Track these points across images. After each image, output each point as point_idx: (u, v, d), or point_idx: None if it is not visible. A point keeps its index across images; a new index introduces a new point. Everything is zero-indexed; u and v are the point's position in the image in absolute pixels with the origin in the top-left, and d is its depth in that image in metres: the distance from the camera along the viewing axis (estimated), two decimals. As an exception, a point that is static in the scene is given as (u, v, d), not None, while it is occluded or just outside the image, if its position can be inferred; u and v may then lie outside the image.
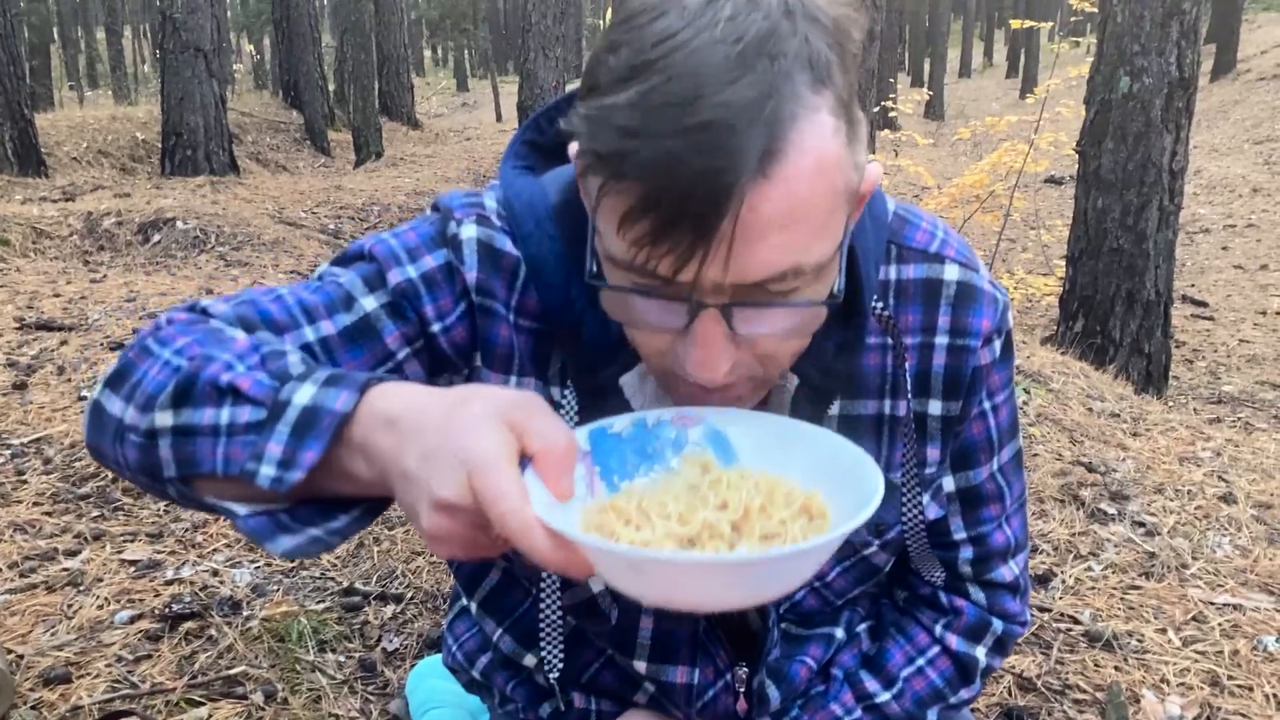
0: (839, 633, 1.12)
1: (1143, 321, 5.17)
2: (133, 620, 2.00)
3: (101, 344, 3.85)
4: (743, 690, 1.05)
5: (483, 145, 12.73)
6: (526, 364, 0.94)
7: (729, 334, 0.74)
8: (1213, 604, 2.05)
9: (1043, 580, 2.12)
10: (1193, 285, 12.47)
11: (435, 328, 0.91)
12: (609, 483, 0.73)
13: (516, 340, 0.93)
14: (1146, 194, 5.01)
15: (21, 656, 1.88)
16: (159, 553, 2.27)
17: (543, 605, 1.00)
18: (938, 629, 1.11)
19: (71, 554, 2.29)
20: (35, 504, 2.57)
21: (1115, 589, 2.09)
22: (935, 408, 1.00)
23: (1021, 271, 10.28)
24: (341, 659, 1.81)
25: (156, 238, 6.25)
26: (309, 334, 0.88)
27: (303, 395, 0.69)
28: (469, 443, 0.61)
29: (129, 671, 1.82)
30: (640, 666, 1.03)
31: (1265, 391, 8.14)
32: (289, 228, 7.12)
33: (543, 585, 0.99)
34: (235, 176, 8.47)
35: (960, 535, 1.07)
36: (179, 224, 6.32)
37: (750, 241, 0.69)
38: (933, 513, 1.04)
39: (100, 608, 2.05)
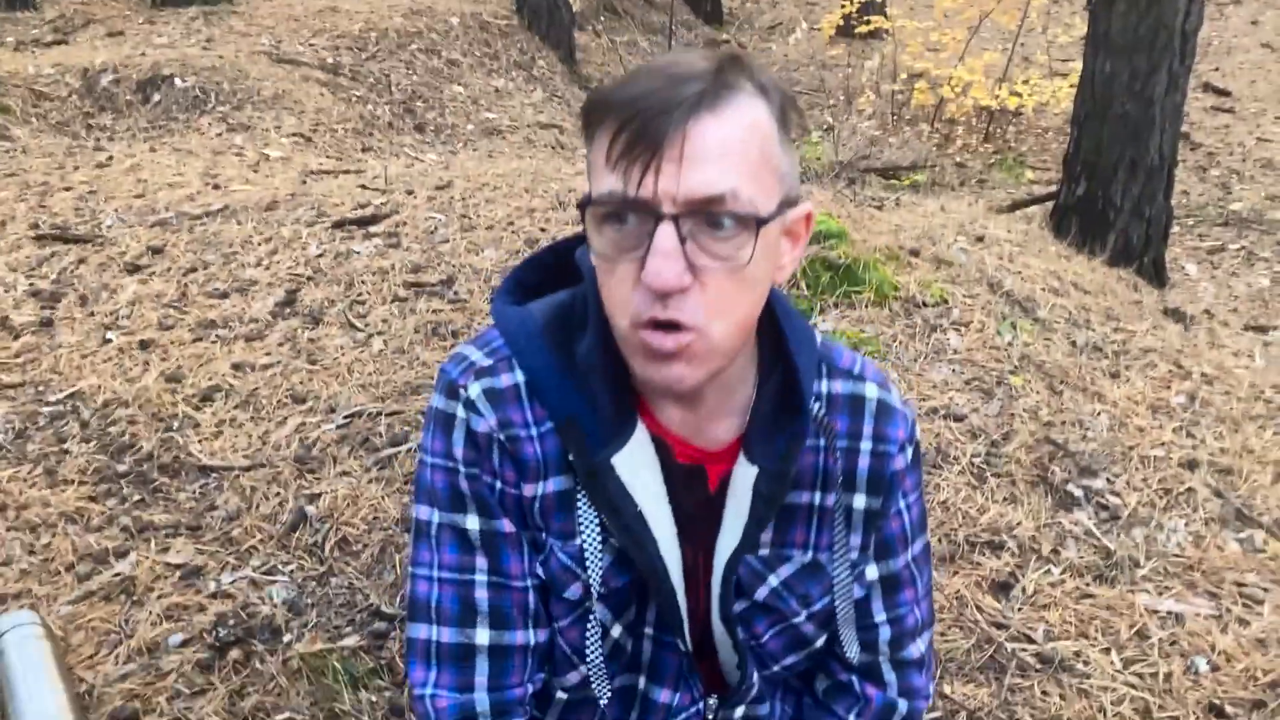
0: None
1: (1145, 186, 5.16)
2: (185, 643, 2.24)
3: (120, 265, 3.95)
4: (711, 718, 1.28)
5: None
6: (550, 466, 1.14)
7: (681, 247, 0.95)
8: (1157, 613, 2.26)
9: (1004, 588, 2.33)
10: (1216, 69, 12.12)
11: (499, 485, 1.13)
12: None
13: (540, 449, 1.13)
14: (1156, 58, 4.90)
15: (93, 688, 2.13)
16: (200, 552, 2.49)
17: (588, 645, 1.19)
18: (851, 718, 1.31)
19: (121, 555, 2.51)
20: (80, 483, 2.77)
21: (1070, 596, 2.30)
22: (859, 502, 1.21)
23: (1037, 76, 10.05)
24: (374, 698, 2.06)
25: (156, 97, 6.20)
26: (483, 578, 1.14)
27: None
28: None
29: (187, 708, 2.07)
30: (640, 682, 1.25)
31: (1275, 210, 8.14)
32: (288, 70, 7.00)
33: (587, 635, 1.18)
34: (229, 4, 8.21)
35: (880, 618, 1.28)
36: (177, 82, 6.25)
37: (694, 160, 0.93)
38: (857, 592, 1.25)
39: (154, 624, 2.29)
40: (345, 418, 2.94)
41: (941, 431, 2.82)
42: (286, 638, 2.21)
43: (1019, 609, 2.27)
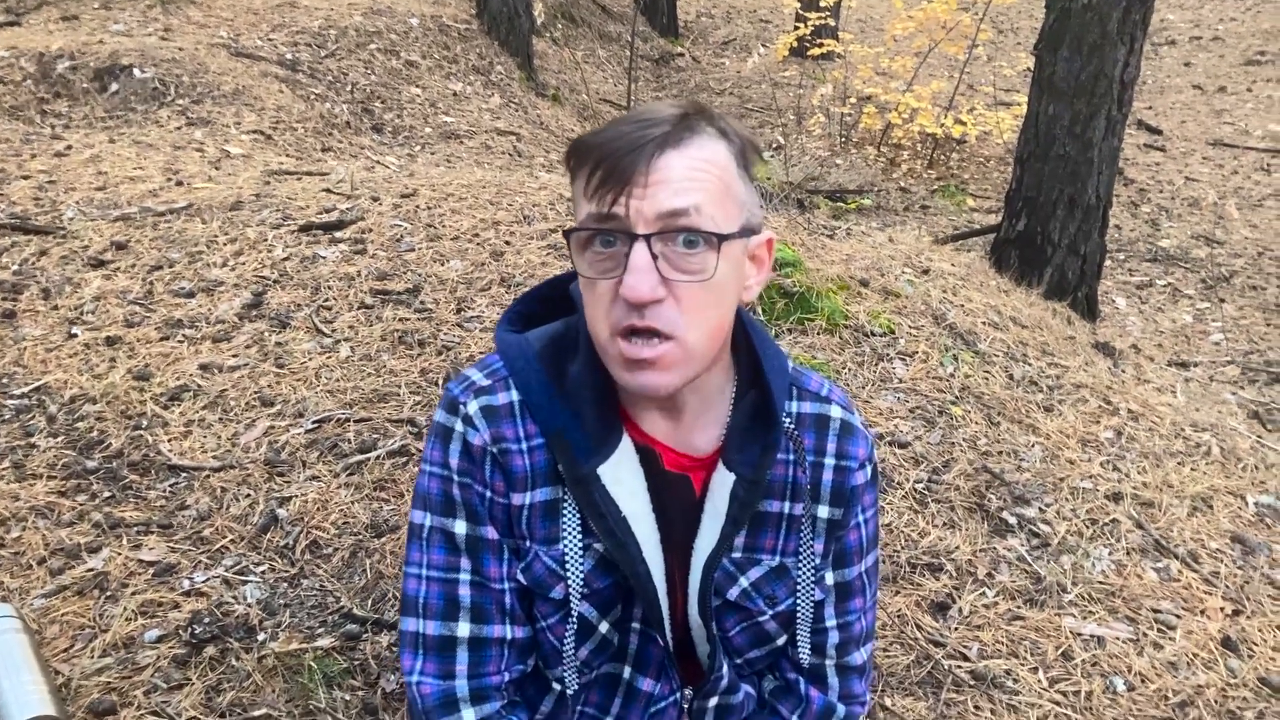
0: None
1: (1081, 225, 5.40)
2: (161, 639, 2.31)
3: (83, 259, 3.97)
4: (686, 708, 1.43)
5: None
6: (538, 477, 1.27)
7: (654, 263, 1.09)
8: (1080, 635, 2.43)
9: (942, 608, 2.49)
10: (1150, 107, 12.59)
11: (488, 495, 1.27)
12: None
13: (529, 461, 1.26)
14: (1096, 104, 5.15)
15: (69, 680, 2.19)
16: (173, 551, 2.55)
17: (565, 650, 1.32)
18: (794, 718, 1.45)
19: (93, 550, 2.57)
20: (49, 478, 2.82)
21: (1002, 617, 2.47)
22: (823, 512, 1.35)
23: (981, 106, 10.35)
24: (347, 697, 2.15)
25: (114, 87, 6.17)
26: (466, 577, 1.28)
27: None
28: None
29: (164, 702, 2.15)
30: (626, 671, 1.38)
31: (1198, 248, 8.50)
32: (246, 64, 7.00)
33: (566, 632, 1.31)
34: (186, -7, 8.18)
35: (831, 622, 1.42)
36: (136, 72, 6.22)
37: (660, 184, 1.09)
38: (817, 595, 1.39)
39: (129, 620, 2.35)
40: (314, 422, 3.02)
41: (886, 457, 2.98)
42: (261, 636, 2.29)
43: (955, 628, 2.43)
